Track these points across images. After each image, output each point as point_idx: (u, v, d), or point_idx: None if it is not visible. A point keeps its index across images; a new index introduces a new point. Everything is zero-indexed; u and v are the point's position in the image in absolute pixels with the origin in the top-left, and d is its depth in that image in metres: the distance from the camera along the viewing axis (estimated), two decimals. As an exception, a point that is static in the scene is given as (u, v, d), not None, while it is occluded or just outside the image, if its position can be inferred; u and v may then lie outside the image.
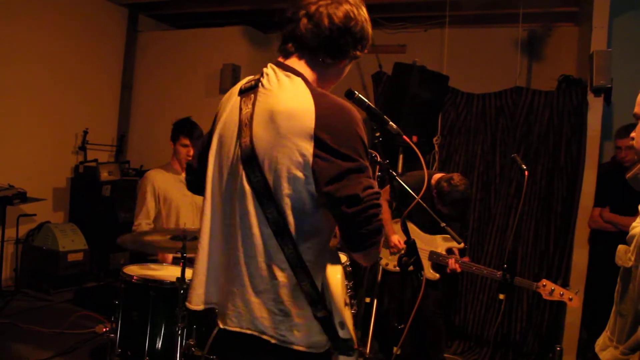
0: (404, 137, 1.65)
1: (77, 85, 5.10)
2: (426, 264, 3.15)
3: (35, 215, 4.62)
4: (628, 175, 1.45)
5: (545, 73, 4.55)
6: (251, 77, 1.37)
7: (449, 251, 3.15)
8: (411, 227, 3.26)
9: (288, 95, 1.25)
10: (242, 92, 1.33)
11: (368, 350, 3.27)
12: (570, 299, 2.75)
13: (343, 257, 3.02)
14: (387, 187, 3.16)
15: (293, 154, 1.19)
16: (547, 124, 4.05)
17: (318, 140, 1.19)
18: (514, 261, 3.95)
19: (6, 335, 3.45)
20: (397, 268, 3.23)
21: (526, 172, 2.76)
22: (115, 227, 4.73)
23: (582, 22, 4.34)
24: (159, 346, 2.45)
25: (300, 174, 1.20)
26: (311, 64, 1.33)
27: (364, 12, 1.34)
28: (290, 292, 1.24)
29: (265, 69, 1.33)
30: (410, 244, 1.67)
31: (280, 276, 1.23)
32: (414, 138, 3.82)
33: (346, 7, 1.30)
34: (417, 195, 1.62)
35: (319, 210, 1.24)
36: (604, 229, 3.50)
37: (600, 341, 1.55)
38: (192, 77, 5.44)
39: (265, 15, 5.03)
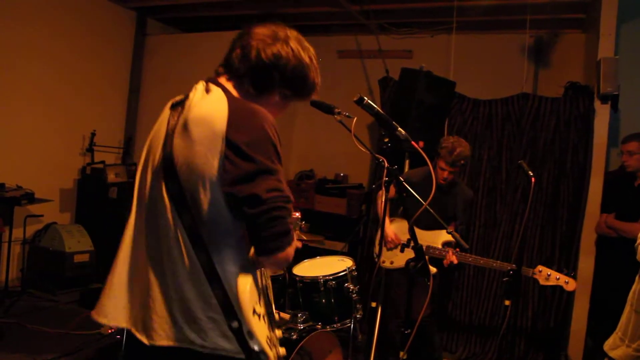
0: (412, 142, 1.67)
1: (85, 87, 5.13)
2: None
3: (42, 216, 4.65)
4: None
5: (552, 79, 4.55)
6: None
7: (445, 245, 3.18)
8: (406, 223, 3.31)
9: (203, 103, 1.28)
10: (173, 106, 1.37)
11: (372, 355, 3.27)
12: (567, 282, 2.76)
13: (349, 262, 3.05)
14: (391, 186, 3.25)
15: (206, 159, 1.20)
16: (554, 131, 4.05)
17: (229, 143, 1.19)
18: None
19: (12, 335, 3.47)
20: (393, 264, 3.25)
21: (532, 179, 2.75)
22: (121, 228, 4.76)
23: (589, 29, 4.34)
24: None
25: (213, 178, 1.19)
26: (238, 89, 1.37)
27: (306, 59, 1.37)
28: (209, 300, 1.23)
29: (196, 84, 1.37)
30: (418, 249, 1.67)
31: (198, 285, 1.23)
32: (421, 143, 3.81)
33: (282, 47, 1.34)
34: (425, 202, 1.63)
35: (236, 221, 1.23)
36: (607, 234, 3.51)
37: (610, 341, 1.57)
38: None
39: (273, 19, 5.05)
